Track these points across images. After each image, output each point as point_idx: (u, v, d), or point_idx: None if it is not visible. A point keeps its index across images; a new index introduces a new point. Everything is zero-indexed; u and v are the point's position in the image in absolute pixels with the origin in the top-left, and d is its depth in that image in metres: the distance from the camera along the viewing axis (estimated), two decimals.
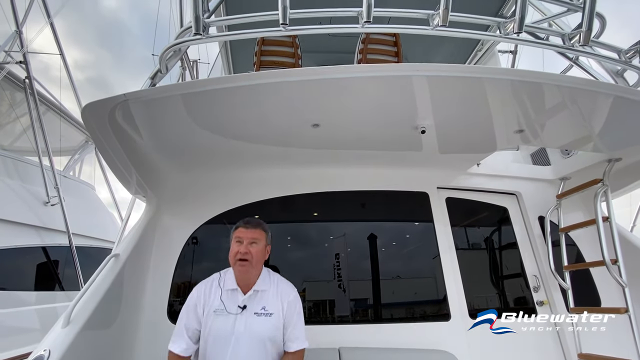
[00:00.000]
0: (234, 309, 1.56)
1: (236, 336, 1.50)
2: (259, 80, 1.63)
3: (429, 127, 2.11)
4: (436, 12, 1.74)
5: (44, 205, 5.03)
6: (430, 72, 1.62)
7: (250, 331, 1.52)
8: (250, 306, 1.57)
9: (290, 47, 3.06)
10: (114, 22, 50.31)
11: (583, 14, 1.80)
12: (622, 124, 2.07)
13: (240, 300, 1.58)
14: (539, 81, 1.68)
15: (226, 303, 1.57)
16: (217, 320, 1.54)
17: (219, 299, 1.58)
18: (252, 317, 1.54)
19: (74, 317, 1.67)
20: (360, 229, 2.88)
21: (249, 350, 1.50)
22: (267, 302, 1.60)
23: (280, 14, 1.68)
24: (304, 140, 2.33)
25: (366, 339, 2.39)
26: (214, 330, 1.53)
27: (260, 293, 1.62)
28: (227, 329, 1.52)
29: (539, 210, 2.98)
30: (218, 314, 1.55)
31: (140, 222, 2.45)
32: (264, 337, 1.53)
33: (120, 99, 1.56)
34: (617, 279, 2.27)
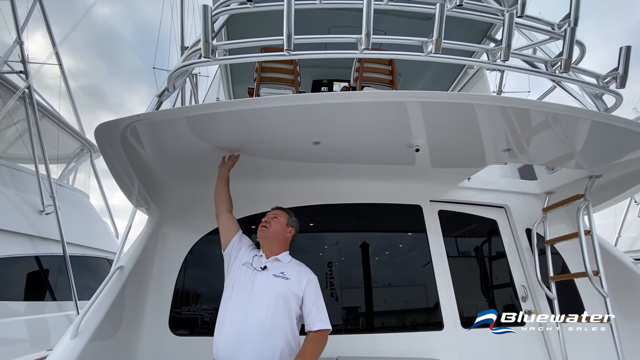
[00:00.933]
0: (257, 268, 1.79)
1: (254, 290, 1.68)
2: (265, 105, 1.73)
3: (423, 146, 2.24)
4: (430, 40, 1.87)
5: (39, 214, 5.00)
6: (424, 98, 1.75)
7: (266, 288, 1.70)
8: (270, 269, 1.78)
9: (289, 64, 3.18)
10: (107, 30, 50.20)
11: (564, 43, 1.95)
12: (600, 145, 2.23)
13: (263, 262, 1.81)
14: (524, 107, 1.82)
15: (253, 261, 1.83)
16: (241, 271, 1.79)
17: (250, 257, 1.85)
18: (270, 277, 1.75)
19: (82, 328, 1.71)
20: (355, 240, 2.97)
21: (262, 304, 1.65)
22: (286, 270, 1.80)
23: (285, 40, 1.78)
24: (304, 156, 2.43)
25: (362, 348, 2.47)
26: (239, 278, 1.76)
27: (280, 263, 1.84)
28: (248, 282, 1.72)
29: (526, 223, 3.12)
30: (246, 266, 1.80)
31: (143, 234, 2.51)
32: (278, 294, 1.69)
33: (133, 119, 1.64)
34: (599, 290, 2.40)
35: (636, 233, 7.10)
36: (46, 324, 4.74)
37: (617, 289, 2.61)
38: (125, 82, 76.62)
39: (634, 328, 2.55)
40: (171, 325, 2.37)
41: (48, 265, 5.12)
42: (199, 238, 2.66)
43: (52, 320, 4.82)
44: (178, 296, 2.48)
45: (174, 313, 2.42)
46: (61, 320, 4.89)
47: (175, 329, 2.37)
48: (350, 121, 1.96)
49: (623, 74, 1.98)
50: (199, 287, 2.68)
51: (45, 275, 5.08)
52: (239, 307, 1.66)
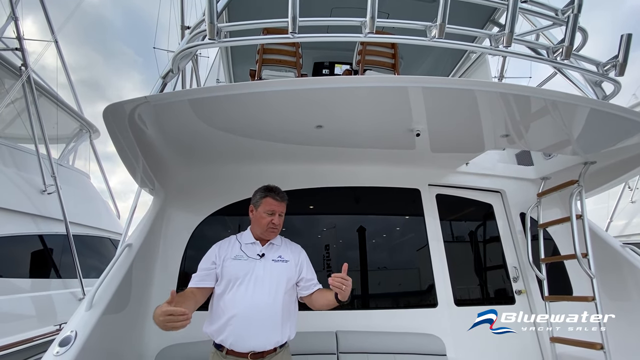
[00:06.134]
0: (253, 256, 1.77)
1: (256, 278, 1.69)
2: (270, 88, 1.75)
3: (423, 131, 2.28)
4: (434, 24, 1.88)
5: (41, 194, 5.04)
6: (427, 84, 1.78)
7: (269, 273, 1.73)
8: (268, 255, 1.80)
9: (292, 46, 3.16)
10: (98, 17, 48.39)
11: (566, 30, 1.96)
12: (596, 132, 2.28)
13: (259, 250, 1.81)
14: (525, 94, 1.86)
15: (246, 251, 1.79)
16: (236, 264, 1.73)
17: (238, 249, 1.79)
18: (270, 262, 1.77)
19: (96, 301, 1.80)
20: (354, 223, 3.05)
21: (267, 290, 1.69)
22: (282, 253, 1.84)
23: (290, 23, 1.79)
24: (306, 139, 2.47)
25: (360, 323, 2.60)
26: (234, 271, 1.70)
27: (275, 246, 1.86)
28: (247, 271, 1.70)
29: (521, 207, 3.22)
30: (237, 259, 1.75)
31: (149, 213, 2.57)
32: (281, 278, 1.74)
33: (141, 101, 1.67)
34: (587, 271, 2.51)
35: (627, 219, 7.26)
36: (52, 301, 4.86)
37: (605, 271, 2.73)
38: (118, 69, 74.64)
39: (620, 307, 2.68)
40: None
41: (52, 244, 5.20)
42: (203, 218, 2.73)
43: (58, 297, 4.94)
44: (184, 274, 2.57)
45: (180, 290, 2.51)
46: (67, 297, 5.03)
47: None
48: (352, 105, 1.99)
49: (623, 62, 2.01)
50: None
51: (50, 253, 5.18)
52: (245, 295, 1.66)
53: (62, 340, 1.58)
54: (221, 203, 2.79)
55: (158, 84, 2.07)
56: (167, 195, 2.71)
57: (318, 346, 2.37)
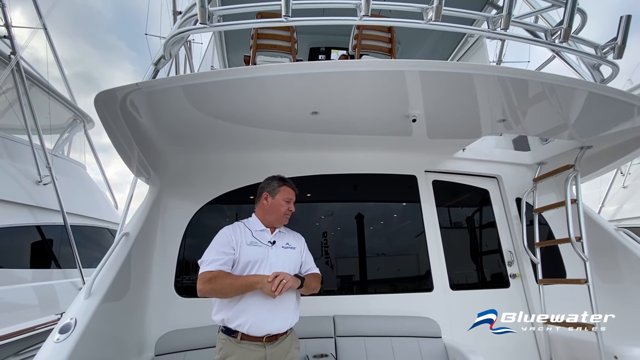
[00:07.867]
0: (265, 243, 1.81)
1: (271, 264, 1.73)
2: (263, 73, 1.72)
3: (420, 116, 2.26)
4: (430, 7, 1.84)
5: (36, 185, 5.00)
6: (424, 67, 1.75)
7: (283, 260, 1.78)
8: (278, 242, 1.84)
9: (286, 30, 3.10)
10: (86, 8, 46.92)
11: (565, 11, 1.92)
12: (593, 116, 2.27)
13: (269, 237, 1.85)
14: (522, 78, 1.83)
15: (259, 238, 1.83)
16: (253, 249, 1.76)
17: (251, 236, 1.82)
18: (280, 249, 1.82)
19: (94, 289, 1.81)
20: (351, 210, 3.07)
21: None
22: (288, 240, 1.90)
23: (283, 6, 1.74)
24: (302, 126, 2.44)
25: (358, 307, 2.64)
26: (252, 256, 1.73)
27: (282, 234, 1.92)
28: (263, 257, 1.74)
29: (517, 192, 3.24)
30: (253, 245, 1.78)
31: (146, 202, 2.57)
32: (292, 265, 1.81)
33: (132, 88, 1.64)
34: (580, 254, 2.55)
35: (619, 204, 7.31)
36: (54, 290, 4.90)
37: (598, 255, 2.77)
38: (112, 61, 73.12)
39: (613, 289, 2.74)
40: (177, 289, 2.50)
41: (50, 235, 5.20)
42: (200, 206, 2.73)
43: (59, 287, 4.98)
44: (182, 261, 2.59)
45: (179, 277, 2.54)
46: (68, 287, 5.07)
47: (180, 292, 2.51)
48: (349, 90, 1.97)
49: (621, 44, 1.98)
50: (202, 253, 2.79)
51: (49, 244, 5.19)
52: None
53: (62, 328, 1.60)
54: (218, 191, 2.79)
55: (150, 70, 2.02)
56: (164, 184, 2.70)
57: (316, 330, 2.41)
